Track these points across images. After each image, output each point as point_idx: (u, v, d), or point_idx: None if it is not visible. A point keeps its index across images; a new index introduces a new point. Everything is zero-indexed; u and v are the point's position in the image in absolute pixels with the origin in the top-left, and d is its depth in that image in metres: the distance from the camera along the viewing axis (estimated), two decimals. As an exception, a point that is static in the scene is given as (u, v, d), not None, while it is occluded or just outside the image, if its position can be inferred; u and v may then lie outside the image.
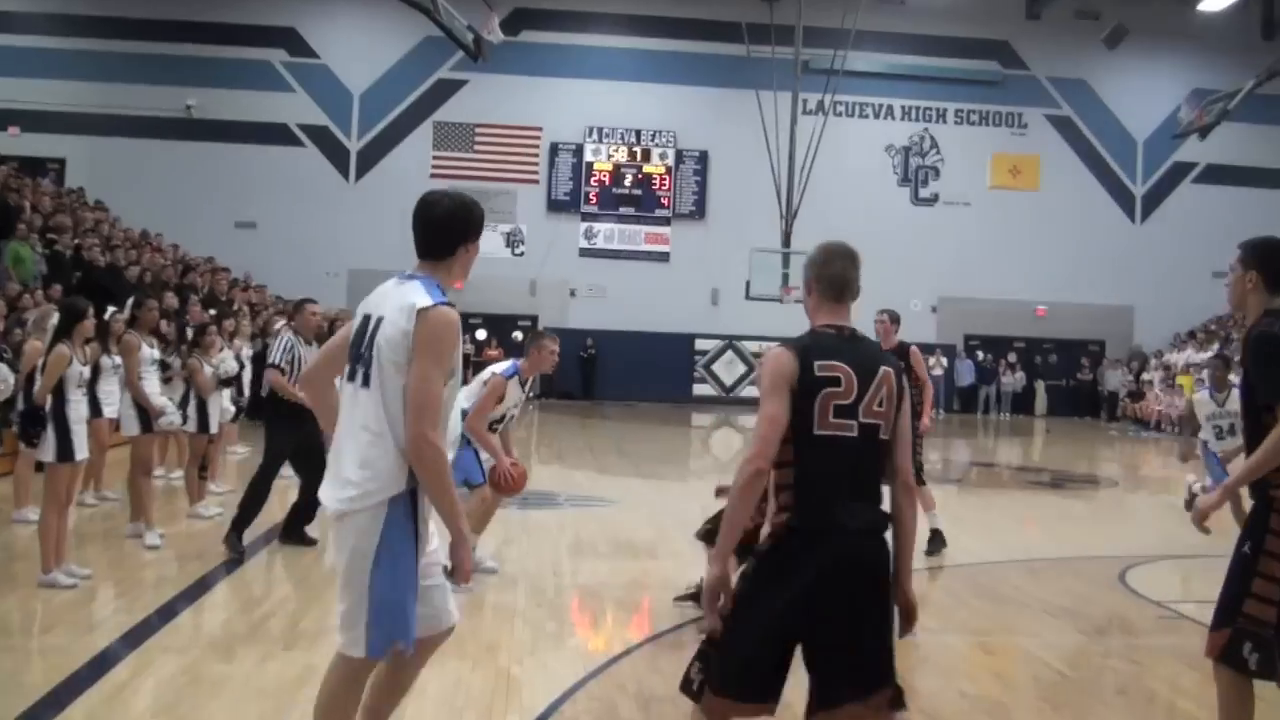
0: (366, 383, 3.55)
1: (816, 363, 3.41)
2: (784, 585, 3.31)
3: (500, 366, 7.51)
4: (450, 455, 4.11)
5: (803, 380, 3.38)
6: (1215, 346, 27.56)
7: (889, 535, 3.47)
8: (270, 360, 8.68)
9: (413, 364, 3.47)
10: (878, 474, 3.49)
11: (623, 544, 9.43)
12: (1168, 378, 27.73)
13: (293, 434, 8.26)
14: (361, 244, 28.87)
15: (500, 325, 29.74)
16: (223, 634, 6.10)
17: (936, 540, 9.19)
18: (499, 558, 8.15)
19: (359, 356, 3.61)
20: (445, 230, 3.85)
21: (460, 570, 3.60)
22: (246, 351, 13.61)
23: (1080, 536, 10.96)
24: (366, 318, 3.66)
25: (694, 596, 6.64)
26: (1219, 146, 29.49)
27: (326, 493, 3.57)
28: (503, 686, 5.30)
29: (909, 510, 3.52)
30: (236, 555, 8.06)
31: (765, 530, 3.50)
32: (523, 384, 7.53)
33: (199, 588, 7.14)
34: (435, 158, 30.26)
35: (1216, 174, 31.83)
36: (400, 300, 3.57)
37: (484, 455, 7.35)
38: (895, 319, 9.76)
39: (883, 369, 3.48)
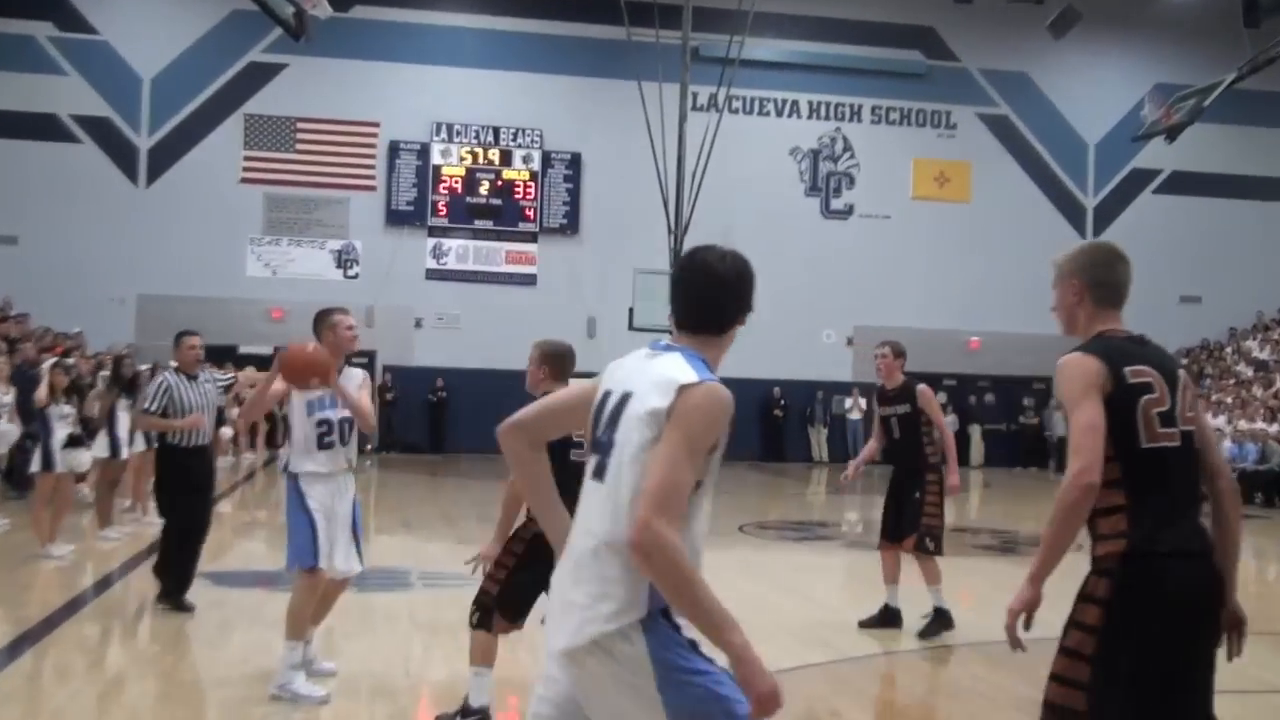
0: (601, 476, 3.25)
1: (1126, 368, 3.68)
2: (1147, 634, 3.60)
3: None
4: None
5: (1117, 388, 3.65)
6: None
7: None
8: (143, 407, 9.69)
9: (660, 445, 3.11)
10: (1199, 485, 3.81)
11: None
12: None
13: (185, 481, 9.42)
14: (155, 263, 28.02)
15: (328, 363, 28.99)
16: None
17: (939, 622, 9.14)
18: (336, 654, 7.67)
19: (596, 443, 3.33)
20: (728, 298, 3.49)
21: (754, 698, 3.15)
22: (4, 398, 12.93)
23: (1042, 614, 10.85)
24: (607, 394, 3.36)
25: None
26: (1187, 151, 30.39)
27: (553, 623, 3.29)
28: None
29: (1236, 514, 3.86)
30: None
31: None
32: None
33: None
34: (247, 158, 29.55)
35: (1183, 183, 32.83)
36: (657, 374, 3.24)
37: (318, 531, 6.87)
38: (899, 352, 9.77)
39: (1180, 372, 3.83)
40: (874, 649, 8.67)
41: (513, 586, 6.17)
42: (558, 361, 6.44)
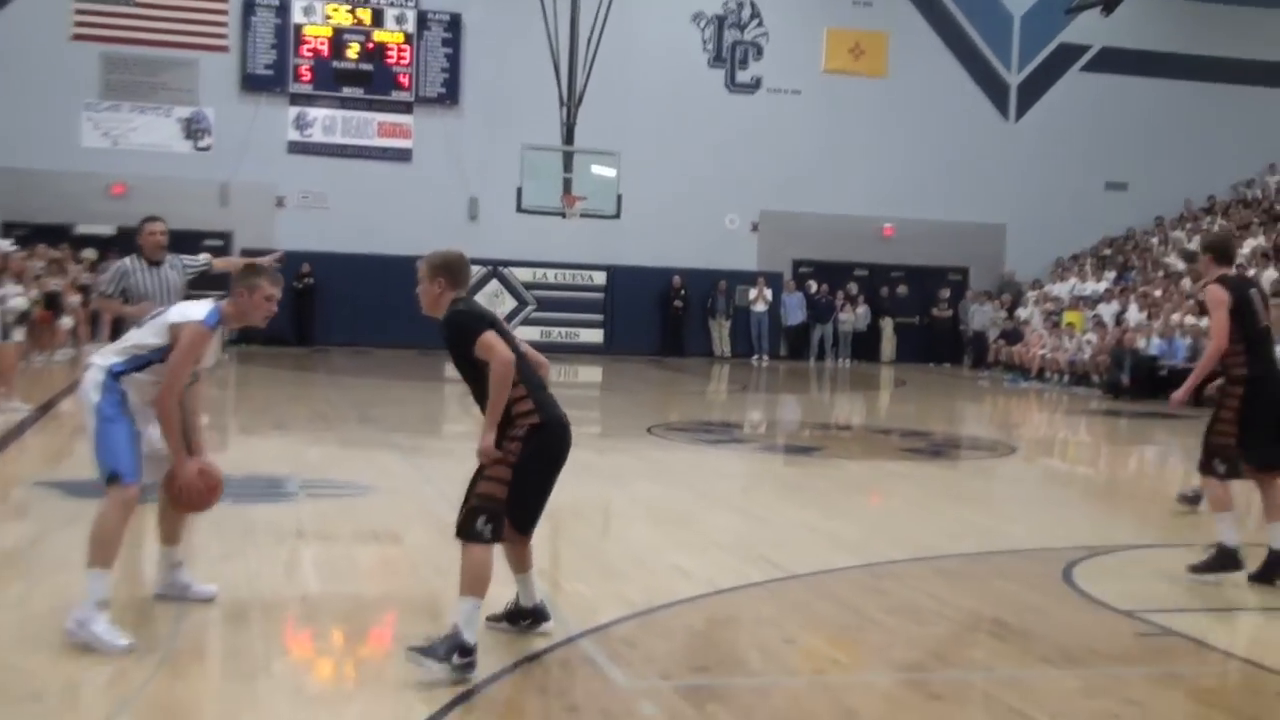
0: None
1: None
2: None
3: (197, 309, 6.48)
4: None
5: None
6: (1110, 275, 28.58)
7: None
8: (100, 290, 10.14)
9: None
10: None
11: (395, 552, 8.63)
12: (1051, 314, 28.51)
13: None
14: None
15: (181, 244, 27.91)
16: None
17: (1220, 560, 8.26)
18: (216, 577, 7.22)
19: None
20: None
21: None
22: None
23: (993, 523, 10.77)
24: None
25: (514, 616, 6.25)
26: (1119, 27, 30.43)
27: None
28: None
29: None
30: None
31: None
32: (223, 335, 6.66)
33: None
34: (79, 11, 28.29)
35: (1114, 60, 32.93)
36: None
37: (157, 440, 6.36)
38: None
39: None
40: (817, 565, 8.42)
41: (523, 489, 5.81)
42: (453, 271, 6.12)
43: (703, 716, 5.37)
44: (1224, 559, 8.13)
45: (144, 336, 6.36)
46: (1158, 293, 25.93)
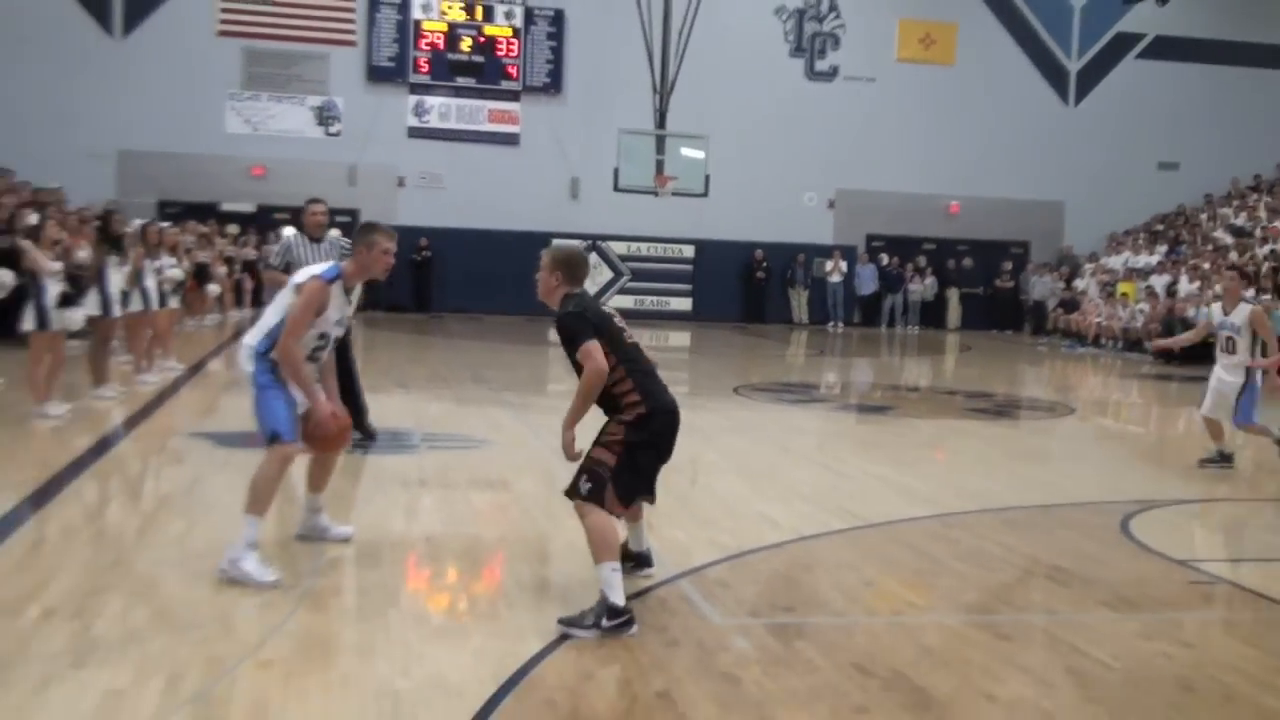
0: None
1: None
2: None
3: (317, 267, 6.54)
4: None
5: None
6: (1162, 249, 28.00)
7: None
8: (269, 262, 10.35)
9: None
10: None
11: (507, 498, 8.66)
12: (1106, 285, 28.01)
13: None
14: (133, 118, 27.14)
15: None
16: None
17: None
18: (354, 519, 7.32)
19: None
20: None
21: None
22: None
23: (1054, 478, 10.63)
24: None
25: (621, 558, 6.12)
26: (1172, 16, 29.74)
27: None
28: (388, 711, 4.49)
29: None
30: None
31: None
32: (347, 291, 6.51)
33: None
34: (224, 10, 28.55)
35: (1167, 48, 32.17)
36: None
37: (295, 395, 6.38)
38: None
39: None
40: (891, 515, 8.36)
41: (631, 464, 5.75)
42: (570, 267, 6.03)
43: (790, 651, 5.36)
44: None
45: (273, 313, 6.35)
46: (1206, 265, 25.31)
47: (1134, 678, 5.30)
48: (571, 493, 5.75)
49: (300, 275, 6.41)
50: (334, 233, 10.64)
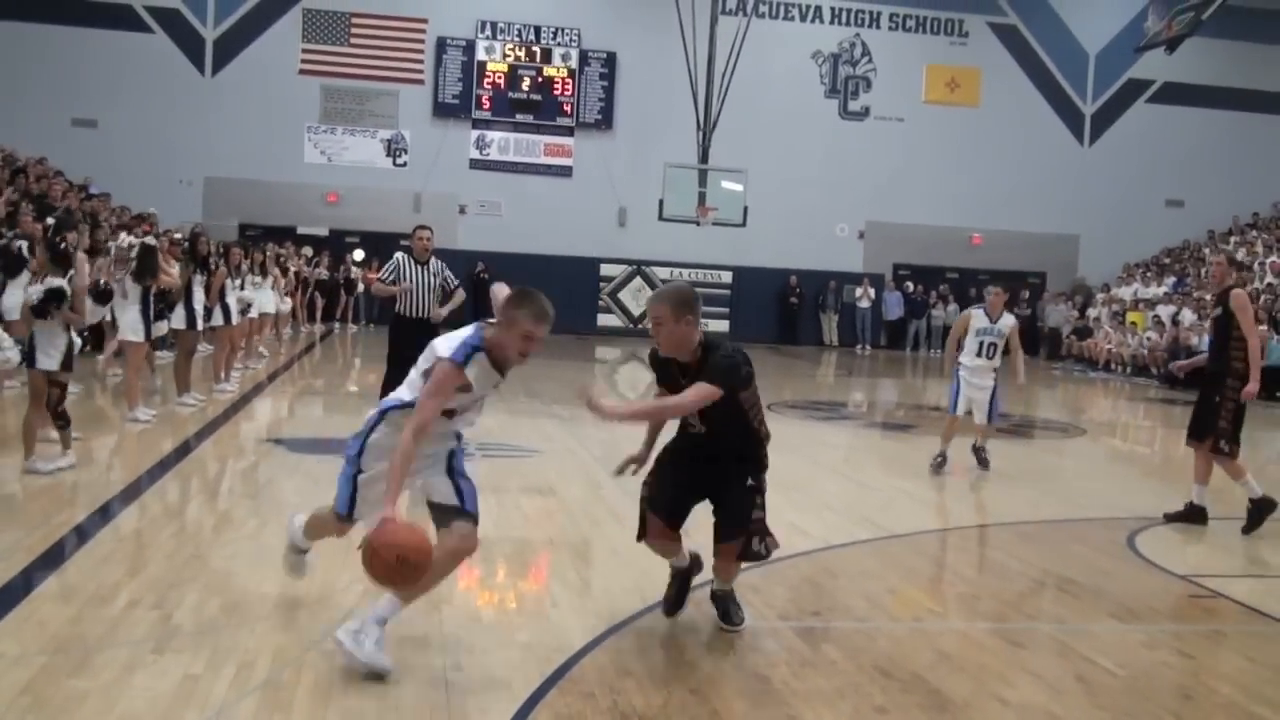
0: None
1: None
2: None
3: (450, 344, 4.80)
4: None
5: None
6: (1170, 281, 27.72)
7: None
8: (379, 277, 10.71)
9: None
10: None
11: (555, 504, 8.66)
12: (1117, 314, 27.75)
13: (407, 342, 9.51)
14: (220, 148, 27.50)
15: (379, 244, 28.49)
16: (71, 633, 5.15)
17: (1259, 510, 8.58)
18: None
19: None
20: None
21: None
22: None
23: (1066, 494, 10.52)
24: None
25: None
26: (1179, 64, 29.49)
27: None
28: (441, 701, 4.49)
29: None
30: None
31: None
32: (497, 367, 4.95)
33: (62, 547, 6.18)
34: (305, 51, 28.79)
35: (1174, 93, 31.94)
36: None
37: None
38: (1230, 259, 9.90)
39: None
40: (914, 527, 8.30)
41: (660, 484, 5.44)
42: (698, 306, 5.24)
43: (817, 654, 5.32)
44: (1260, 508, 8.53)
45: (416, 372, 4.93)
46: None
47: (1137, 685, 5.23)
48: (754, 558, 5.48)
49: (441, 347, 4.78)
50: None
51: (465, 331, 4.84)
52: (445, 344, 4.78)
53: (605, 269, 30.15)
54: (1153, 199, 31.66)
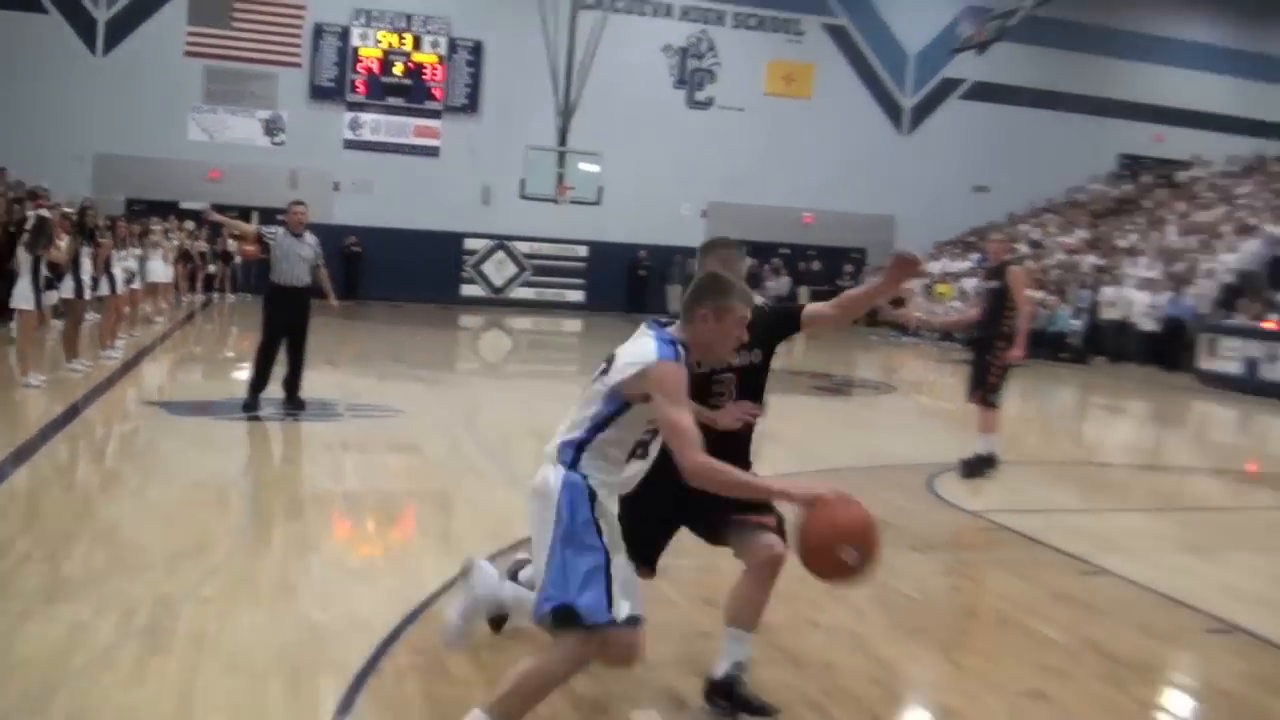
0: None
1: None
2: None
3: (641, 351, 3.57)
4: None
5: None
6: (975, 256, 28.63)
7: None
8: (250, 227, 10.67)
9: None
10: None
11: (418, 460, 8.65)
12: (927, 285, 28.58)
13: (284, 310, 9.98)
14: (110, 125, 26.41)
15: (258, 220, 27.80)
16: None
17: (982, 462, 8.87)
18: (281, 478, 7.26)
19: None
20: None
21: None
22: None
23: (877, 444, 10.88)
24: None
25: None
26: (987, 65, 30.36)
27: None
28: (308, 639, 4.50)
29: None
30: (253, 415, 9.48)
31: None
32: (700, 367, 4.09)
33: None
34: (190, 33, 27.79)
35: (982, 91, 32.89)
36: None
37: None
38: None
39: None
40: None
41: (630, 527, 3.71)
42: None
43: (653, 590, 5.44)
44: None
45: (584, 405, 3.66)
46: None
47: (930, 606, 5.51)
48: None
49: (631, 363, 3.53)
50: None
51: (647, 336, 3.62)
52: (638, 350, 3.56)
53: (469, 243, 29.87)
54: (961, 184, 32.56)
